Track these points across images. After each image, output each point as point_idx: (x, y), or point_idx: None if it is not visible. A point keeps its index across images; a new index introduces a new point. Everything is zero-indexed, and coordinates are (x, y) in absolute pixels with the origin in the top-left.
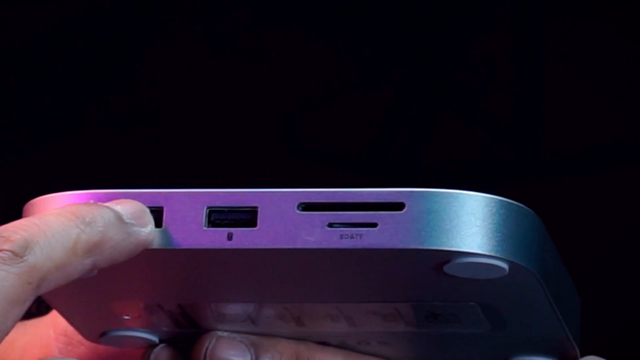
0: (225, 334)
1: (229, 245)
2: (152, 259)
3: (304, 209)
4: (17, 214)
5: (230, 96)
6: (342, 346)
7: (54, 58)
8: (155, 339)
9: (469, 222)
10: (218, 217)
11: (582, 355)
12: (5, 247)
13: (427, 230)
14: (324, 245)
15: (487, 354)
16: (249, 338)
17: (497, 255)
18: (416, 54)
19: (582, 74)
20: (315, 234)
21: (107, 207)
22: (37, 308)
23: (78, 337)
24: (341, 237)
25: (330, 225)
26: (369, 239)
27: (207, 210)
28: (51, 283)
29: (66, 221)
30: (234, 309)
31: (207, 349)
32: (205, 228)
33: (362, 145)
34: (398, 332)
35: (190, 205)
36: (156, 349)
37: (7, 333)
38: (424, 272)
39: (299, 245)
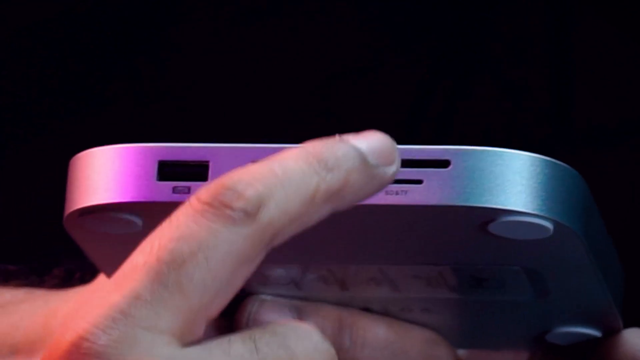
0: (269, 297)
1: None
2: None
3: None
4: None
5: (263, 69)
6: (384, 313)
7: (80, 32)
8: None
9: (515, 181)
10: None
11: (625, 327)
12: (238, 205)
13: (472, 187)
14: (369, 202)
15: (529, 324)
16: (292, 302)
17: (542, 214)
18: (450, 25)
19: (616, 44)
20: None
21: (352, 147)
22: (82, 278)
23: None
24: (386, 193)
25: None
26: (414, 195)
27: None
28: (284, 236)
29: (307, 168)
30: (277, 272)
31: (250, 312)
32: None
33: (395, 117)
34: (441, 298)
35: (236, 160)
36: None
37: (236, 291)
38: (468, 232)
39: None
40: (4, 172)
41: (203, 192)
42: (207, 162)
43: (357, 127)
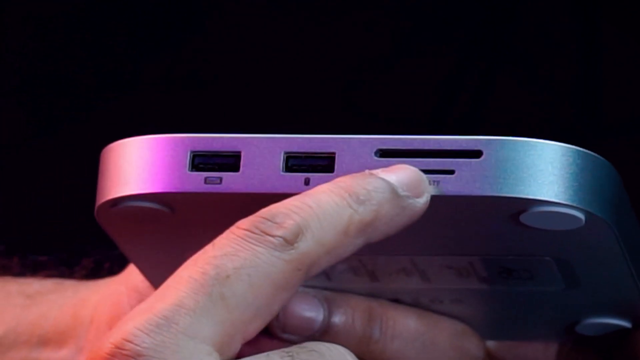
0: (299, 288)
1: (306, 190)
2: (228, 203)
3: (381, 155)
4: (77, 178)
5: (291, 60)
6: (414, 304)
7: (114, 18)
8: None
9: (547, 171)
10: (295, 163)
11: None
12: (278, 233)
13: (504, 177)
14: None
15: (559, 315)
16: (323, 293)
17: (574, 204)
18: (478, 14)
19: None
20: None
21: (382, 180)
22: (110, 269)
23: (150, 292)
24: None
25: None
26: (446, 185)
27: (285, 156)
28: (320, 267)
29: (339, 200)
30: None
31: None
32: (282, 173)
33: (423, 109)
34: (471, 289)
35: (268, 150)
36: None
37: (271, 317)
38: (500, 223)
39: None
40: (34, 163)
41: (243, 222)
42: (239, 152)
43: (385, 117)
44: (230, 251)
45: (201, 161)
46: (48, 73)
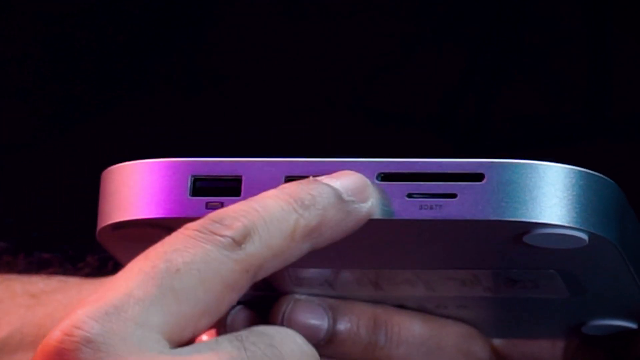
0: (303, 297)
1: None
2: None
3: (383, 179)
4: (86, 176)
5: (301, 59)
6: (420, 309)
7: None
8: None
9: (549, 193)
10: None
11: None
12: (227, 233)
13: (506, 201)
14: (404, 216)
15: (565, 318)
16: (327, 301)
17: (577, 226)
18: (486, 14)
19: None
20: (394, 204)
21: (327, 185)
22: (115, 266)
23: None
24: (421, 207)
25: (410, 195)
26: (448, 209)
27: (286, 180)
28: (268, 270)
29: (285, 205)
30: (311, 272)
31: (284, 312)
32: None
33: (433, 106)
34: (476, 296)
35: (269, 175)
36: (233, 311)
37: (220, 316)
38: (503, 242)
39: (378, 216)
40: (40, 162)
41: (192, 224)
42: (240, 176)
43: (393, 118)
44: (181, 247)
45: (202, 185)
46: (51, 73)
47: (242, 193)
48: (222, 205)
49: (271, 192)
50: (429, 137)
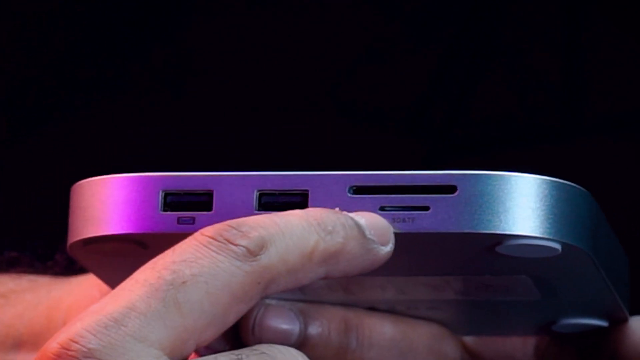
0: (273, 302)
1: None
2: None
3: (355, 192)
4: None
5: (276, 58)
6: (390, 311)
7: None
8: None
9: (521, 204)
10: (268, 201)
11: (632, 314)
12: (242, 242)
13: (479, 213)
14: None
15: (536, 318)
16: (298, 306)
17: (550, 237)
18: (462, 13)
19: (630, 31)
20: None
21: (352, 219)
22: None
23: None
24: (393, 220)
25: (382, 208)
26: (421, 222)
27: (258, 194)
28: (280, 286)
29: (307, 225)
30: None
31: (255, 317)
32: (256, 211)
33: (407, 105)
34: (447, 299)
35: (240, 189)
36: None
37: (227, 327)
38: (476, 252)
39: None
40: (9, 161)
41: (208, 228)
42: (212, 191)
43: (369, 115)
44: (190, 257)
45: (173, 200)
46: (31, 72)
47: (214, 208)
48: (193, 220)
49: (296, 212)
50: (403, 137)
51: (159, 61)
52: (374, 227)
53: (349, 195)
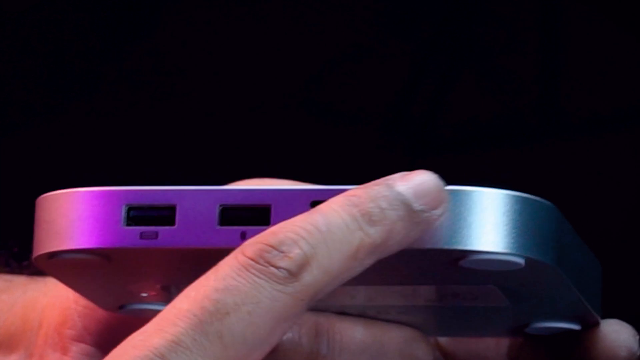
0: None
1: (242, 243)
2: (165, 255)
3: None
4: (33, 173)
5: (251, 58)
6: (362, 315)
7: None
8: None
9: (484, 220)
10: (230, 216)
11: (604, 317)
12: (283, 265)
13: (441, 229)
14: None
15: (507, 322)
16: None
17: (513, 252)
18: (440, 13)
19: (606, 34)
20: None
21: (398, 195)
22: None
23: None
24: None
25: None
26: None
27: (220, 208)
28: (325, 293)
29: (350, 223)
30: None
31: None
32: (218, 227)
33: (384, 105)
34: (417, 305)
35: (203, 203)
36: None
37: (271, 348)
38: (441, 265)
39: None
40: None
41: (248, 248)
42: (174, 205)
43: (343, 118)
44: (232, 284)
45: (136, 214)
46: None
47: (177, 222)
48: (156, 235)
49: (338, 203)
50: (380, 138)
51: (133, 63)
52: (422, 194)
53: (310, 209)
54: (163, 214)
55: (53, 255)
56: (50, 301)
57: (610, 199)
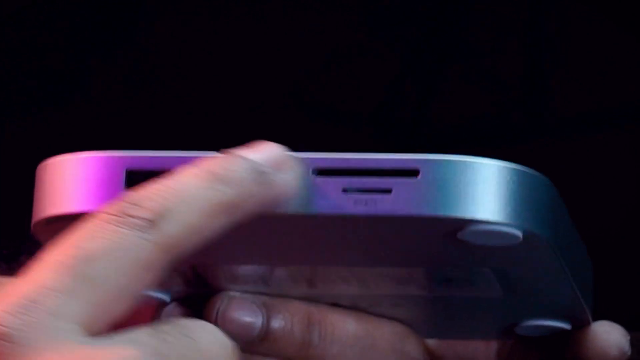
0: (237, 294)
1: None
2: None
3: (318, 174)
4: (22, 174)
5: (239, 57)
6: (354, 307)
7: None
8: (166, 298)
9: (484, 190)
10: None
11: (595, 319)
12: (142, 214)
13: (441, 197)
14: (338, 212)
15: (498, 318)
16: (261, 299)
17: (511, 222)
18: (425, 14)
19: (592, 33)
20: (329, 199)
21: (243, 159)
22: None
23: None
24: (355, 203)
25: (345, 190)
26: (383, 205)
27: None
28: (187, 249)
29: (202, 182)
30: (246, 269)
31: (218, 309)
32: None
33: (372, 105)
34: (411, 295)
35: None
36: (167, 308)
37: (136, 298)
38: (438, 239)
39: (313, 211)
40: None
41: (107, 207)
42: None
43: (331, 118)
44: (96, 235)
45: (137, 179)
46: None
47: None
48: None
49: (189, 170)
50: (368, 138)
51: (120, 64)
52: (268, 158)
53: (312, 176)
54: None
55: (51, 220)
56: None
57: (598, 197)
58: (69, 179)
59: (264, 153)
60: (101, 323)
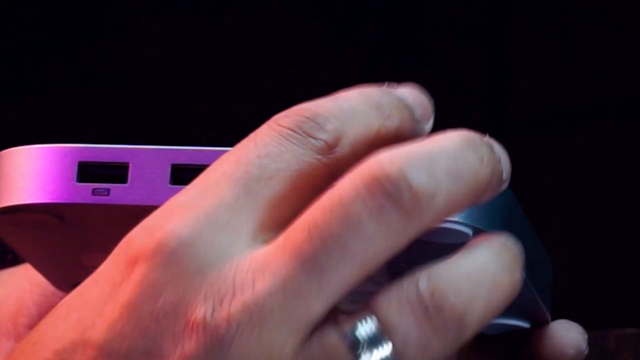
0: None
1: None
2: (117, 214)
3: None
4: None
5: (205, 57)
6: None
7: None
8: None
9: None
10: (182, 175)
11: (555, 318)
12: (321, 136)
13: None
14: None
15: None
16: None
17: (461, 220)
18: (386, 14)
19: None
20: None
21: (404, 100)
22: (14, 260)
23: (52, 288)
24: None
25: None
26: None
27: (172, 167)
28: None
29: (370, 112)
30: None
31: None
32: (169, 185)
33: None
34: (367, 291)
35: (155, 162)
36: None
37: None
38: None
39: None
40: None
41: (284, 119)
42: (127, 163)
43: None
44: (274, 151)
45: (89, 172)
46: None
47: (129, 180)
48: (108, 192)
49: (356, 94)
50: None
51: (84, 63)
52: (420, 105)
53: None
54: (116, 172)
55: (5, 211)
56: (6, 291)
57: (559, 196)
58: (22, 170)
59: (418, 99)
60: (272, 234)
